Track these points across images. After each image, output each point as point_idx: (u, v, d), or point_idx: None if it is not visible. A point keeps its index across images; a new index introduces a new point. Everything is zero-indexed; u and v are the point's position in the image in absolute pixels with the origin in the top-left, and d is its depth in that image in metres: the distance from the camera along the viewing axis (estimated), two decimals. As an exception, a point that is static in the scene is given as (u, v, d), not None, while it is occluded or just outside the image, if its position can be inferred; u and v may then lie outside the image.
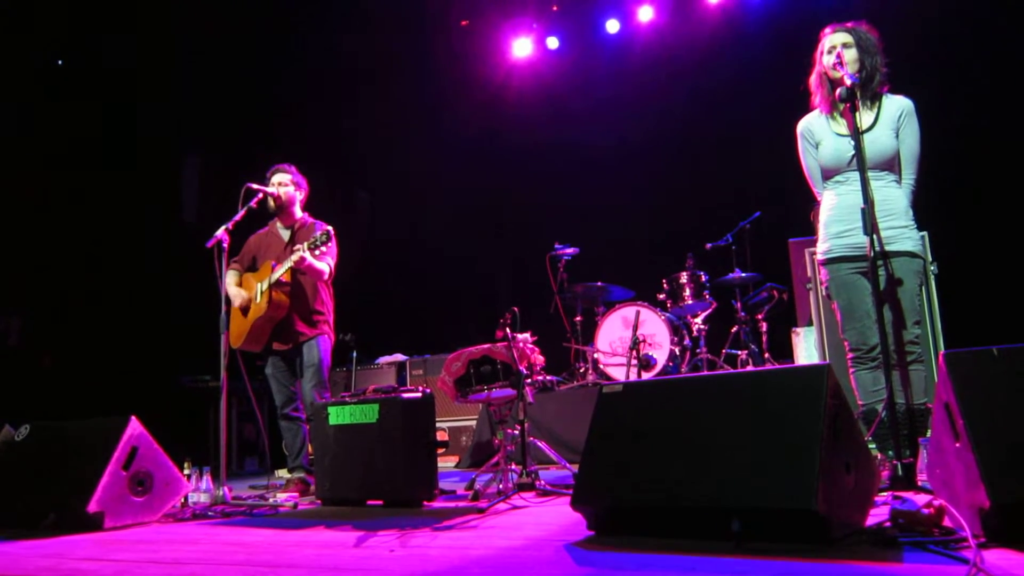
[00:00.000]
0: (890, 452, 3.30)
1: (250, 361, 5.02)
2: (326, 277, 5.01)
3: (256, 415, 5.28)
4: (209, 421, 7.44)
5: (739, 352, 6.74)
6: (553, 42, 9.21)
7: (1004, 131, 6.72)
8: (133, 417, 3.78)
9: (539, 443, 4.66)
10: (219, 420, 4.34)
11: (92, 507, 3.51)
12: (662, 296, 7.02)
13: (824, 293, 3.82)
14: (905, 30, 6.10)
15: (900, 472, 3.01)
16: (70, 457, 3.83)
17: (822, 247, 3.70)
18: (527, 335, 4.64)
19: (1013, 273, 6.43)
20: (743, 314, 6.82)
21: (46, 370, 7.58)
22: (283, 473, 5.56)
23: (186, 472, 4.23)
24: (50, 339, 7.67)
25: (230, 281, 5.07)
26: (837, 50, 3.57)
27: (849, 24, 3.65)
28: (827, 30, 3.68)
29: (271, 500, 4.37)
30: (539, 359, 4.76)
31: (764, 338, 6.71)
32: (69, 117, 7.89)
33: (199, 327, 5.63)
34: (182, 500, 4.05)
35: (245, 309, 4.98)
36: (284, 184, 5.13)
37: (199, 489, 4.26)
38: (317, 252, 4.75)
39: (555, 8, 9.12)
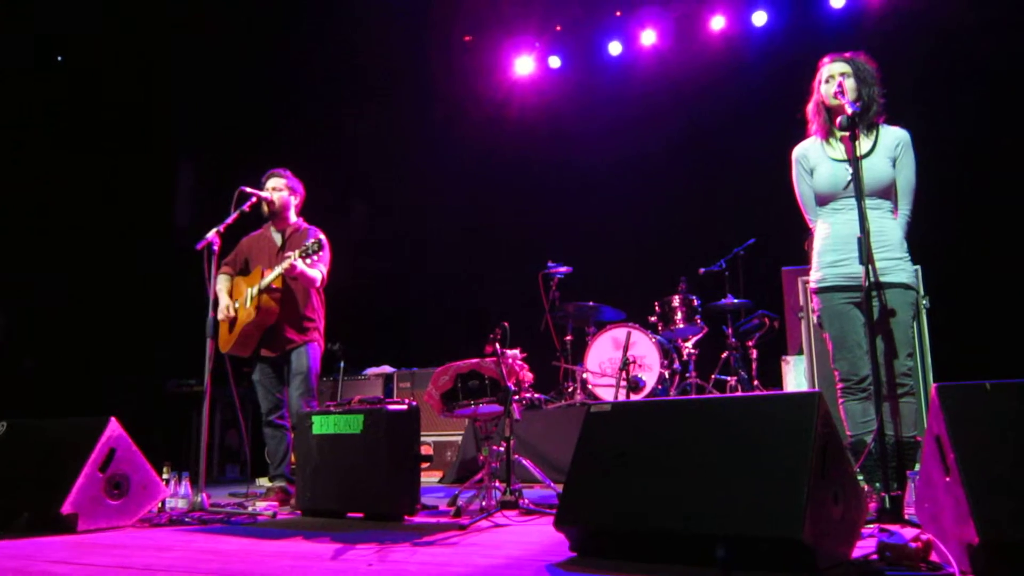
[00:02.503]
0: (877, 484, 3.28)
1: (237, 367, 4.97)
2: (318, 284, 4.97)
3: (240, 421, 5.21)
4: (192, 425, 7.37)
5: (728, 378, 6.72)
6: (555, 61, 9.24)
7: (998, 166, 6.75)
8: (112, 418, 3.72)
9: (524, 461, 4.63)
10: (201, 425, 4.29)
11: (66, 508, 3.45)
12: (653, 319, 7.01)
13: (816, 322, 3.80)
14: (901, 63, 6.16)
15: (887, 505, 2.97)
16: (46, 457, 3.76)
17: (815, 276, 3.68)
18: (516, 351, 4.61)
19: (1004, 309, 6.43)
20: (734, 340, 6.80)
21: (28, 370, 7.50)
22: (264, 481, 5.50)
23: (165, 477, 4.16)
24: (33, 339, 7.59)
25: (221, 288, 5.03)
26: (836, 79, 3.58)
27: (848, 55, 3.66)
28: (826, 59, 3.69)
29: (250, 508, 4.31)
30: (527, 376, 4.73)
31: (754, 365, 6.70)
32: (61, 118, 7.86)
33: (187, 330, 5.59)
34: (159, 505, 3.99)
35: (232, 322, 4.92)
36: (279, 188, 5.09)
37: (177, 494, 4.19)
38: (308, 261, 4.71)
39: (558, 28, 9.16)
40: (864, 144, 3.57)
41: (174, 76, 8.27)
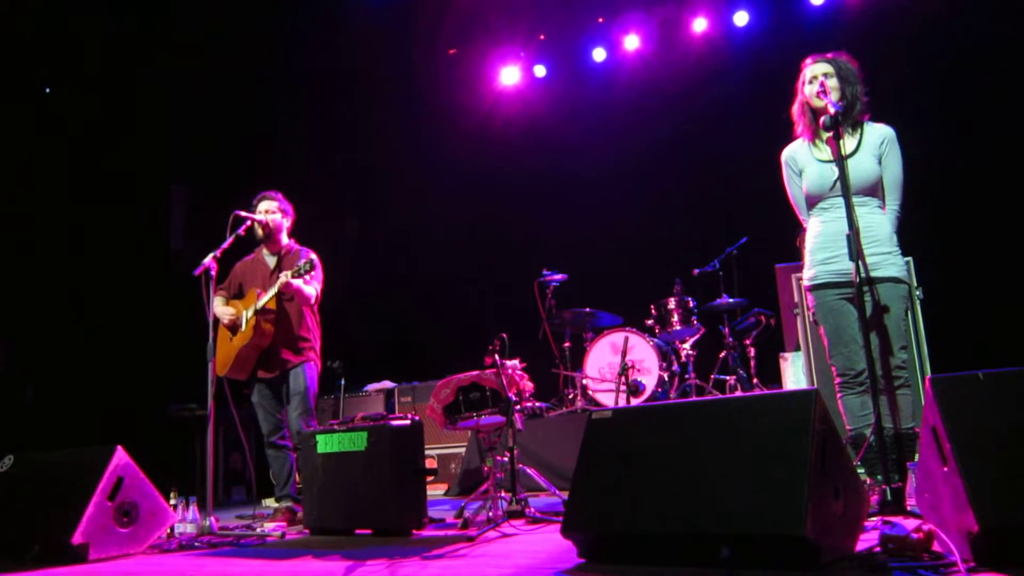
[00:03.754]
0: (879, 477, 3.31)
1: (237, 389, 4.99)
2: (313, 302, 5.00)
3: (243, 444, 5.23)
4: (196, 450, 7.37)
5: (727, 377, 6.74)
6: (540, 70, 9.29)
7: (986, 157, 6.81)
8: (119, 447, 3.75)
9: (528, 470, 4.65)
10: (206, 449, 4.31)
11: (77, 538, 3.47)
12: (650, 322, 7.03)
13: (811, 319, 3.84)
14: (886, 59, 6.22)
15: (889, 497, 3.01)
16: (55, 488, 3.78)
17: (808, 273, 3.72)
18: (516, 361, 4.64)
19: (998, 297, 6.48)
20: (731, 339, 6.83)
21: (30, 400, 7.50)
22: (270, 502, 5.51)
23: (172, 502, 4.18)
24: (35, 368, 7.60)
25: (217, 304, 5.05)
26: (819, 79, 3.62)
27: (830, 55, 3.71)
28: (808, 60, 3.74)
29: (258, 530, 4.33)
30: (528, 385, 4.75)
31: (752, 363, 6.72)
32: (55, 145, 7.89)
33: (186, 355, 5.61)
34: (168, 531, 4.01)
35: (233, 330, 4.95)
36: (271, 211, 5.12)
37: (185, 519, 4.21)
38: (301, 281, 4.74)
39: (542, 37, 9.22)
40: (849, 143, 3.62)
41: (161, 102, 8.29)
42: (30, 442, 4.80)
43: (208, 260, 4.48)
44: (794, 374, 5.84)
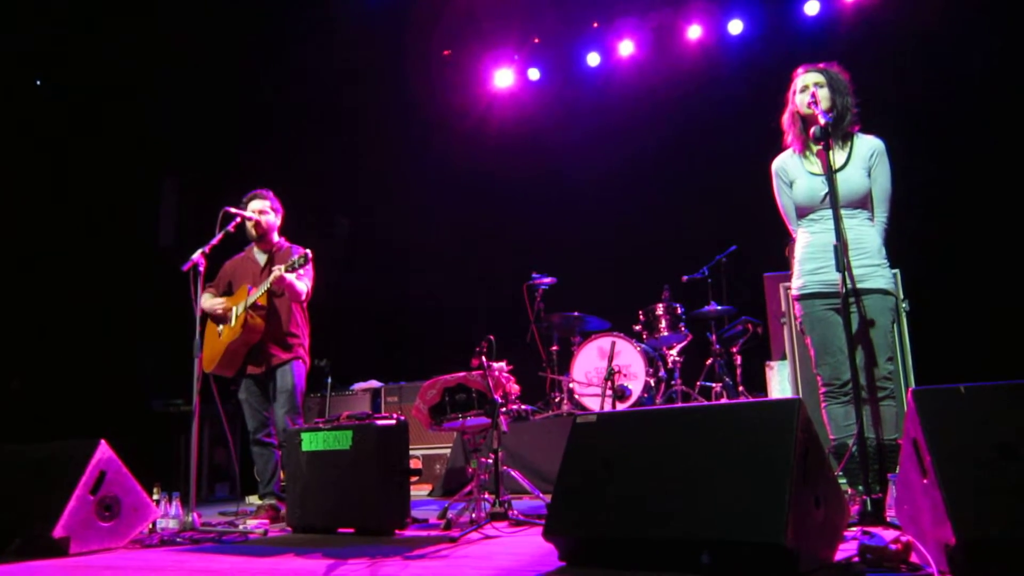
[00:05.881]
0: (860, 487, 3.33)
1: (223, 385, 4.97)
2: (303, 298, 4.99)
3: (228, 440, 5.22)
4: (180, 446, 7.35)
5: (714, 384, 6.76)
6: (534, 74, 9.30)
7: (975, 170, 6.86)
8: (102, 440, 3.73)
9: (513, 472, 4.66)
10: (190, 445, 4.29)
11: (58, 532, 3.45)
12: (638, 327, 7.05)
13: (798, 328, 3.86)
14: (878, 70, 6.26)
15: (869, 507, 3.03)
16: (36, 481, 3.76)
17: (796, 283, 3.74)
18: (503, 364, 4.65)
19: (985, 310, 6.52)
20: (718, 347, 6.85)
21: (15, 393, 7.46)
22: (254, 499, 5.50)
23: (155, 497, 4.17)
24: (20, 361, 7.55)
25: (206, 297, 5.02)
26: (810, 89, 3.65)
27: (821, 65, 3.74)
28: (800, 70, 3.77)
29: (241, 527, 4.32)
30: (514, 388, 4.77)
31: (739, 371, 6.75)
32: (43, 137, 7.85)
33: (172, 350, 5.59)
34: (150, 526, 3.99)
35: (222, 321, 4.94)
36: (263, 211, 5.10)
37: (168, 515, 4.19)
38: (294, 275, 4.74)
39: (536, 40, 9.23)
40: (839, 156, 3.64)
41: (152, 97, 8.27)
42: (14, 434, 4.76)
43: (196, 256, 4.46)
44: (780, 383, 5.86)
